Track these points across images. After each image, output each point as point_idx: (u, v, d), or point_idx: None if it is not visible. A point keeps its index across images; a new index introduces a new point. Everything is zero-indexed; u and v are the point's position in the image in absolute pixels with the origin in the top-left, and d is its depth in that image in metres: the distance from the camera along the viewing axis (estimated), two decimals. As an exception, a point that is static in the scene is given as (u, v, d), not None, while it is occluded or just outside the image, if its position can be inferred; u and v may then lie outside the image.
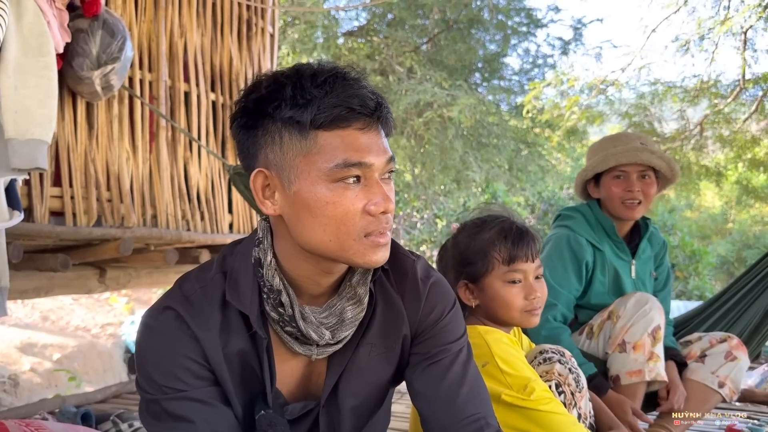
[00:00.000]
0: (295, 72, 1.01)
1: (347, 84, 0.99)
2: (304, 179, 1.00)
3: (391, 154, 1.03)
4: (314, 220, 1.00)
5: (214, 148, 3.31)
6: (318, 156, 0.99)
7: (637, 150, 2.13)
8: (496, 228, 1.55)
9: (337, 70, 1.01)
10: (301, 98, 0.98)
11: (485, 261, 1.54)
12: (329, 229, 1.00)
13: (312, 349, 1.09)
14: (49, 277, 2.93)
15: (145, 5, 2.97)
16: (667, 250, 2.34)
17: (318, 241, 1.01)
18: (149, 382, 1.05)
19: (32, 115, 1.81)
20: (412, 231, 11.50)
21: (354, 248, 1.01)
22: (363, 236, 1.00)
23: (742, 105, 6.13)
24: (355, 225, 1.00)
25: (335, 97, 0.98)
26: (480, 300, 1.57)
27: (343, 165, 0.98)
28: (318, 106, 0.97)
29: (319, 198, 0.99)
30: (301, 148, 0.99)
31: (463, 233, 1.60)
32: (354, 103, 0.98)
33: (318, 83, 0.98)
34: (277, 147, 1.01)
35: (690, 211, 12.90)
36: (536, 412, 1.37)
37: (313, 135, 0.99)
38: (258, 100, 1.02)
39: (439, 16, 7.77)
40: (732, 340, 2.12)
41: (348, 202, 0.99)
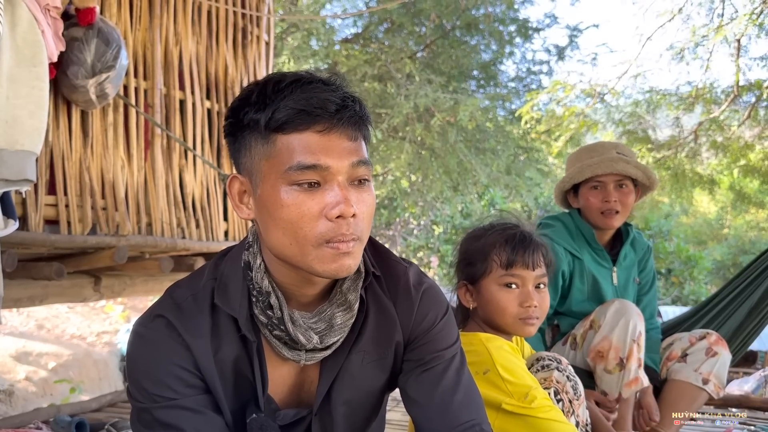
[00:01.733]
0: (264, 80, 1.03)
1: (309, 87, 0.99)
2: (266, 182, 1.01)
3: (359, 158, 1.01)
4: (274, 223, 1.00)
5: (209, 157, 3.31)
6: (276, 159, 0.99)
7: (613, 160, 2.14)
8: (500, 232, 1.56)
9: (304, 76, 1.01)
10: (262, 102, 1.00)
11: (484, 263, 1.55)
12: (288, 233, 0.99)
13: (300, 354, 1.08)
14: (44, 286, 2.93)
15: (140, 13, 2.97)
16: (651, 253, 2.35)
17: (280, 245, 1.01)
18: (140, 391, 1.05)
19: (22, 125, 1.80)
20: (409, 237, 11.50)
21: (313, 254, 0.99)
22: (323, 242, 0.99)
23: (735, 112, 6.17)
24: (313, 230, 0.98)
25: (292, 100, 0.98)
26: (477, 302, 1.58)
27: (297, 167, 0.98)
28: (274, 108, 0.98)
29: (277, 201, 0.99)
30: (264, 151, 1.00)
31: (470, 235, 1.63)
32: (311, 105, 0.98)
33: (279, 88, 0.99)
34: (247, 152, 1.03)
35: (686, 217, 12.94)
36: (537, 420, 1.37)
37: (273, 138, 1.00)
38: (234, 109, 1.04)
39: (436, 23, 7.80)
40: (711, 336, 2.13)
41: (304, 206, 0.98)
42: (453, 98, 7.06)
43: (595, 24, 10.71)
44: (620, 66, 6.16)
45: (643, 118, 6.49)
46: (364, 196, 1.02)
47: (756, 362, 4.89)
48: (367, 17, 7.92)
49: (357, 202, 1.00)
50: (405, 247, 11.26)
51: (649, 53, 9.83)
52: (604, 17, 39.52)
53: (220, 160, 3.41)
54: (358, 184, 1.02)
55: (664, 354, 2.19)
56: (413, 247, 11.23)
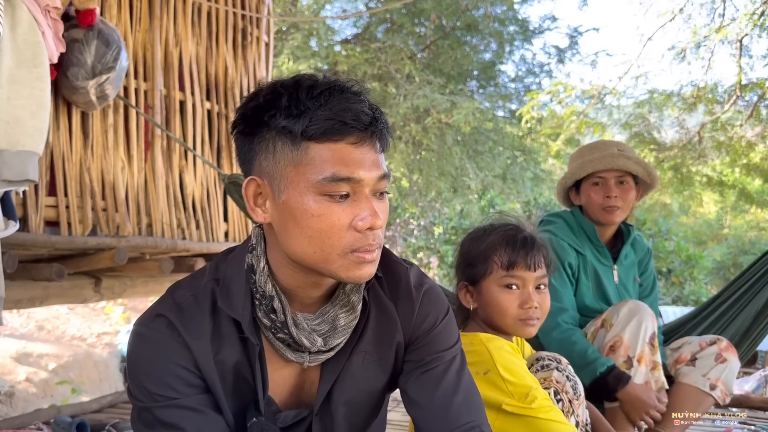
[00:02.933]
0: (293, 83, 1.01)
1: (343, 97, 0.99)
2: (293, 189, 1.00)
3: (384, 172, 1.02)
4: (300, 231, 1.00)
5: (210, 157, 3.31)
6: (308, 167, 0.99)
7: (613, 156, 2.16)
8: (501, 232, 1.56)
9: (336, 84, 1.01)
10: (296, 109, 0.98)
11: (485, 263, 1.54)
12: (314, 242, 1.00)
13: (304, 356, 1.09)
14: (44, 287, 2.93)
15: (140, 15, 2.97)
16: (651, 256, 2.36)
17: (303, 252, 1.01)
18: (140, 390, 1.05)
19: (24, 126, 1.80)
20: (409, 238, 11.50)
21: (338, 263, 1.01)
22: (349, 252, 1.00)
23: (738, 112, 6.16)
24: (341, 240, 1.00)
25: (329, 110, 0.98)
26: (478, 303, 1.57)
27: (331, 179, 0.98)
28: (311, 117, 0.98)
29: (306, 210, 0.99)
30: (293, 158, 1.00)
31: (470, 236, 1.62)
32: (347, 117, 0.98)
33: (314, 95, 0.99)
34: (270, 155, 1.01)
35: (685, 217, 12.94)
36: (537, 420, 1.37)
37: (304, 146, 0.99)
38: (255, 108, 1.02)
39: (436, 23, 7.80)
40: (721, 342, 2.13)
41: (334, 217, 0.99)
42: (450, 100, 7.06)
43: (596, 27, 10.69)
44: (621, 66, 6.16)
45: (647, 119, 6.48)
46: (384, 206, 1.04)
47: (756, 362, 4.88)
48: (367, 17, 7.92)
49: (380, 213, 1.02)
50: (405, 248, 11.25)
51: (651, 54, 9.83)
52: (604, 20, 39.50)
53: (220, 160, 3.41)
54: (380, 196, 1.04)
55: (673, 356, 2.19)
56: (413, 248, 11.23)
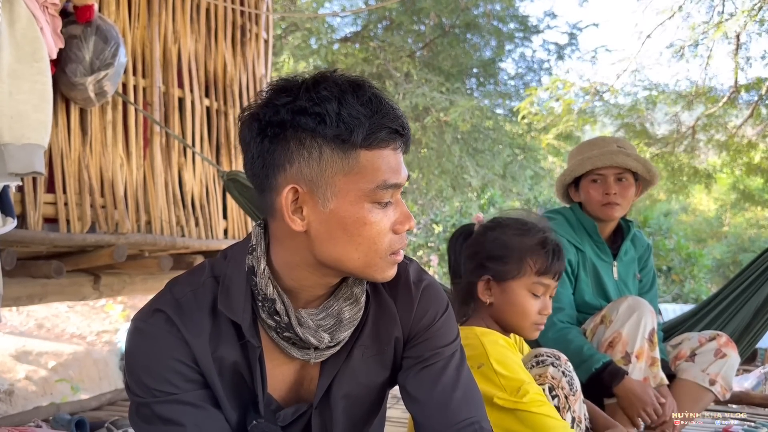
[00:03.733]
0: (334, 85, 0.99)
1: (388, 105, 1.01)
2: (343, 198, 0.99)
3: (407, 174, 1.06)
4: (349, 238, 1.01)
5: (209, 154, 3.31)
6: (359, 176, 0.99)
7: (613, 153, 2.15)
8: (539, 237, 1.55)
9: (374, 89, 1.02)
10: (349, 116, 0.97)
11: (519, 265, 1.53)
12: (362, 248, 1.01)
13: (310, 353, 1.08)
14: (43, 284, 2.92)
15: (139, 11, 2.97)
16: (651, 252, 2.36)
17: (346, 259, 1.02)
18: (139, 385, 1.04)
19: (28, 119, 1.82)
20: (409, 236, 11.50)
21: (378, 265, 1.04)
22: (388, 254, 1.04)
23: (734, 108, 6.17)
24: (383, 243, 1.03)
25: (381, 118, 0.99)
26: (497, 300, 1.56)
27: (384, 186, 1.00)
28: (368, 126, 0.98)
29: (359, 218, 1.00)
30: (342, 166, 0.98)
31: (502, 231, 1.58)
32: (396, 125, 1.00)
33: (363, 101, 0.98)
34: (315, 162, 0.98)
35: (685, 215, 12.95)
36: (528, 414, 1.37)
37: (355, 154, 0.98)
38: (297, 112, 0.98)
39: (435, 21, 7.79)
40: (721, 337, 2.12)
41: (383, 223, 1.02)
42: (448, 99, 7.06)
43: (595, 23, 10.72)
44: (620, 64, 6.16)
45: (643, 115, 6.49)
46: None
47: (756, 359, 4.89)
48: (366, 15, 7.91)
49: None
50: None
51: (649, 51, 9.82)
52: (602, 16, 39.49)
53: (219, 158, 3.41)
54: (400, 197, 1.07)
55: (673, 353, 2.19)
56: (413, 246, 11.23)
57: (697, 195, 10.19)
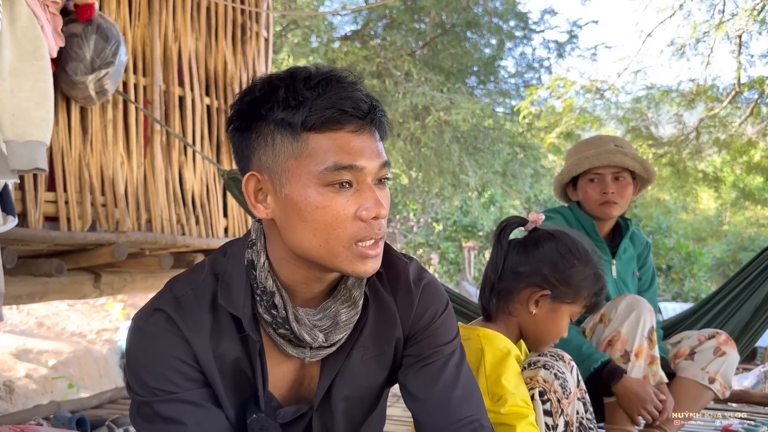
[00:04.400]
0: (289, 75, 1.00)
1: (341, 86, 0.98)
2: (295, 182, 0.99)
3: (385, 159, 1.01)
4: (305, 224, 0.99)
5: (209, 153, 3.31)
6: (309, 159, 0.98)
7: (610, 152, 2.15)
8: (600, 276, 1.57)
9: (332, 73, 1.00)
10: (293, 100, 0.97)
11: (578, 293, 1.53)
12: (319, 234, 0.99)
13: (305, 352, 1.08)
14: (44, 283, 2.92)
15: (139, 10, 2.97)
16: (650, 250, 2.35)
17: (308, 246, 1.00)
18: (140, 384, 1.04)
19: (29, 117, 1.82)
20: (409, 235, 11.50)
21: (343, 255, 0.99)
22: (354, 243, 0.99)
23: (737, 108, 6.16)
24: (346, 231, 0.98)
25: (327, 99, 0.97)
26: (540, 314, 1.54)
27: (333, 168, 0.97)
28: (309, 107, 0.96)
29: (310, 202, 0.98)
30: (293, 150, 0.98)
31: (574, 253, 1.55)
32: (346, 105, 0.97)
33: (311, 85, 0.98)
34: (270, 149, 1.00)
35: (685, 214, 12.94)
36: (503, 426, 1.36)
37: (304, 137, 0.98)
38: (252, 102, 1.01)
39: (436, 20, 7.79)
40: (720, 336, 2.12)
41: (339, 207, 0.98)
42: (449, 98, 7.06)
43: (595, 20, 10.71)
44: (620, 62, 6.15)
45: (645, 114, 6.49)
46: (385, 195, 1.03)
47: (756, 358, 4.89)
48: (366, 14, 7.91)
49: (383, 202, 1.01)
50: (405, 244, 11.26)
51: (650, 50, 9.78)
52: (602, 14, 39.44)
53: (219, 156, 3.41)
54: (381, 184, 1.02)
55: (672, 351, 2.19)
56: (413, 245, 11.23)
57: (699, 194, 10.19)
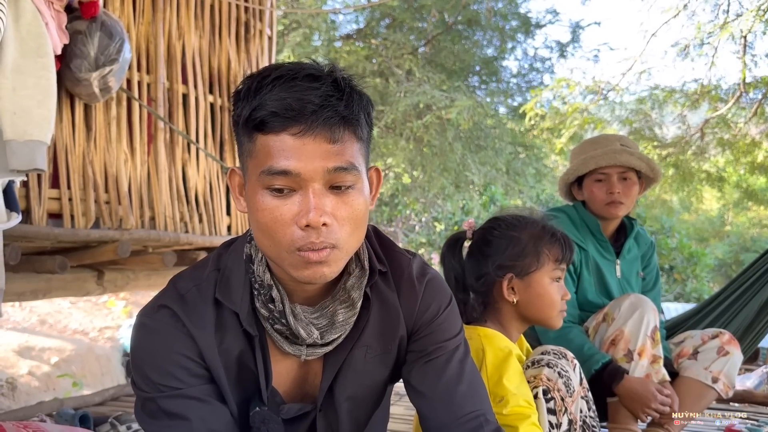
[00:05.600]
0: (258, 72, 0.98)
1: (290, 85, 0.93)
2: (249, 182, 1.00)
3: (338, 164, 0.94)
4: (255, 224, 1.00)
5: (212, 151, 3.31)
6: (255, 160, 0.97)
7: (616, 152, 2.15)
8: (548, 227, 1.58)
9: (290, 71, 0.95)
10: (248, 97, 0.96)
11: (538, 256, 1.54)
12: (266, 236, 0.98)
13: (301, 349, 1.08)
14: (47, 280, 2.92)
15: (144, 7, 2.97)
16: (654, 250, 2.35)
17: (263, 246, 1.01)
18: (145, 380, 1.04)
19: (31, 116, 1.81)
20: (410, 234, 11.50)
21: (288, 260, 0.98)
22: (294, 250, 0.96)
23: (742, 109, 6.15)
24: (286, 236, 0.96)
25: (270, 99, 0.93)
26: (522, 296, 1.55)
27: (268, 172, 0.94)
28: (254, 106, 0.94)
29: (255, 203, 0.98)
30: (248, 150, 0.98)
31: (508, 227, 1.58)
32: (284, 106, 0.92)
33: (262, 84, 0.95)
34: (240, 146, 1.02)
35: (688, 214, 12.92)
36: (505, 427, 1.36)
37: (254, 137, 0.97)
38: (233, 101, 1.02)
39: (437, 19, 7.78)
40: (724, 335, 2.12)
41: (277, 212, 0.95)
42: (449, 97, 7.05)
43: (597, 21, 10.71)
44: (625, 63, 6.15)
45: (649, 115, 6.47)
46: (344, 201, 0.97)
47: (758, 358, 4.88)
48: (368, 13, 7.90)
49: (335, 209, 0.96)
50: (406, 244, 11.25)
51: (654, 50, 9.77)
52: (606, 14, 39.37)
53: (222, 154, 3.41)
54: (340, 190, 0.97)
55: (675, 351, 2.19)
56: (415, 244, 11.22)
57: (706, 195, 10.18)
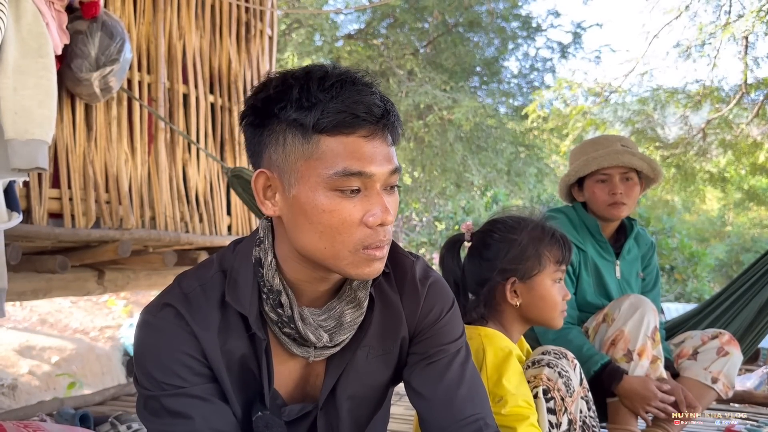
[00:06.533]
0: (304, 74, 0.99)
1: (355, 89, 0.97)
2: (304, 184, 0.98)
3: (395, 166, 1.01)
4: (311, 226, 0.99)
5: (213, 151, 3.31)
6: (319, 161, 0.97)
7: (618, 153, 2.14)
8: (548, 229, 1.58)
9: (347, 75, 0.99)
10: (306, 101, 0.96)
11: (539, 259, 1.54)
12: (325, 237, 0.99)
13: (309, 351, 1.08)
14: (48, 279, 2.93)
15: (144, 7, 2.97)
16: (655, 250, 2.35)
17: (313, 248, 1.00)
18: (148, 379, 1.04)
19: (32, 115, 1.82)
20: (411, 234, 11.50)
21: (348, 259, 1.00)
22: (360, 248, 0.99)
23: (743, 110, 6.15)
24: (352, 236, 0.98)
25: (340, 102, 0.96)
26: (524, 299, 1.56)
27: (342, 173, 0.96)
28: (322, 110, 0.95)
29: (317, 205, 0.98)
30: (303, 151, 0.98)
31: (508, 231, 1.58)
32: (359, 110, 0.96)
33: (325, 87, 0.97)
34: (281, 148, 0.99)
35: (688, 214, 12.92)
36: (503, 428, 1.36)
37: (315, 139, 0.97)
38: (265, 100, 1.00)
39: (439, 19, 7.79)
40: (723, 336, 2.12)
41: (345, 212, 0.98)
42: (451, 97, 7.06)
43: (599, 23, 10.67)
44: (627, 64, 6.15)
45: (651, 116, 6.47)
46: (394, 200, 1.02)
47: (759, 359, 4.88)
48: (369, 13, 7.90)
49: (391, 208, 1.00)
50: (407, 244, 11.25)
51: (656, 51, 9.75)
52: (608, 16, 39.34)
53: (223, 154, 3.41)
54: (390, 190, 1.02)
55: (675, 351, 2.19)
56: (415, 244, 11.23)
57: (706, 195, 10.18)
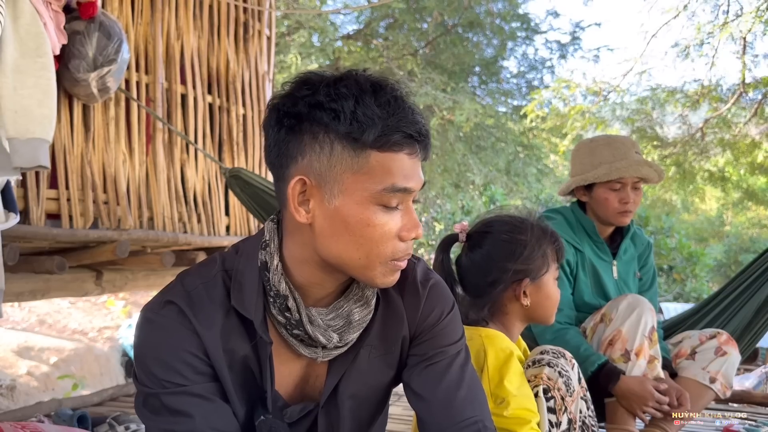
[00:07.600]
0: (354, 83, 0.99)
1: (407, 108, 1.00)
2: (349, 196, 0.99)
3: (423, 182, 1.05)
4: (350, 237, 1.00)
5: (211, 151, 3.31)
6: (367, 176, 0.98)
7: (639, 164, 2.15)
8: (548, 228, 1.59)
9: (396, 90, 1.01)
10: (363, 115, 0.97)
11: (545, 259, 1.55)
12: (363, 249, 1.01)
13: (318, 352, 1.08)
14: (45, 280, 2.92)
15: (142, 7, 2.97)
16: (651, 250, 2.35)
17: (347, 257, 1.02)
18: (148, 376, 1.04)
19: (32, 114, 1.82)
20: (410, 234, 11.50)
21: (378, 269, 1.02)
22: (390, 260, 1.03)
23: (742, 109, 6.16)
24: (387, 249, 1.02)
25: (396, 121, 0.98)
26: (533, 299, 1.56)
27: (391, 189, 0.99)
28: (380, 127, 0.97)
29: (362, 219, 0.99)
30: (352, 164, 0.98)
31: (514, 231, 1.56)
32: (412, 129, 0.99)
33: (381, 102, 0.98)
34: (325, 157, 0.99)
35: (687, 214, 12.94)
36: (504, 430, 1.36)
37: (366, 154, 0.98)
38: (314, 106, 0.99)
39: (438, 20, 7.79)
40: (721, 335, 2.13)
41: (386, 227, 1.01)
42: (452, 98, 7.06)
43: (597, 23, 10.69)
44: (625, 63, 6.16)
45: (650, 115, 6.49)
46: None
47: (757, 359, 4.89)
48: (369, 13, 7.90)
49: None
50: (406, 244, 11.26)
51: (655, 51, 9.76)
52: (606, 15, 39.45)
53: (221, 154, 3.41)
54: (414, 203, 1.06)
55: (673, 351, 2.19)
56: (414, 244, 11.24)
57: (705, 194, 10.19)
